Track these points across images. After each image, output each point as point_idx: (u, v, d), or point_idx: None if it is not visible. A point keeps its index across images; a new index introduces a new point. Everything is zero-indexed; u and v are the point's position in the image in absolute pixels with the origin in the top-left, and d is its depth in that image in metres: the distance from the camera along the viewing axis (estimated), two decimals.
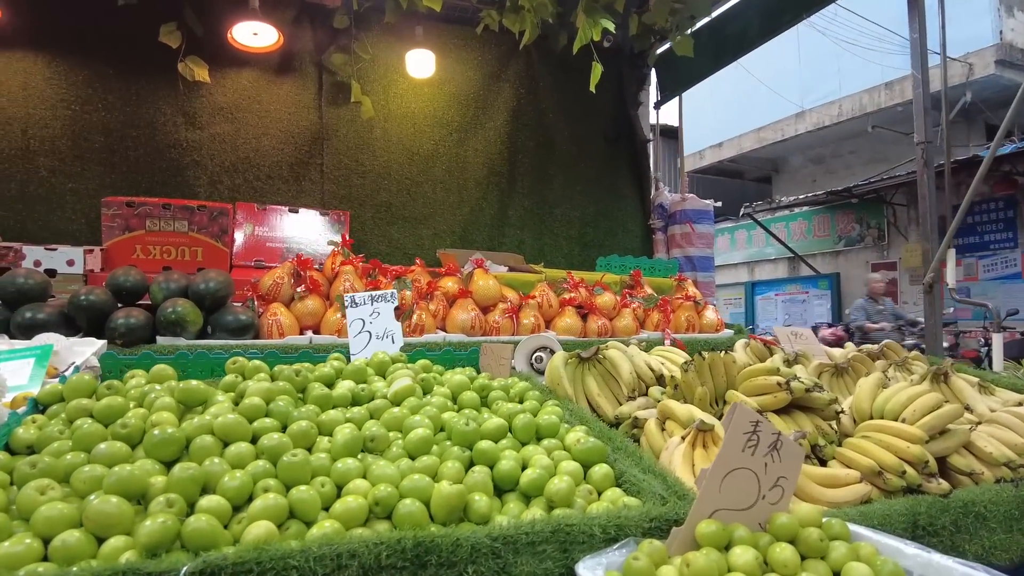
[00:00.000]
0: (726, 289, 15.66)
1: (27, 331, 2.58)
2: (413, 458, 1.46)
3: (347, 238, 3.78)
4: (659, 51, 5.45)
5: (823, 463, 1.80)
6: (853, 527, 1.31)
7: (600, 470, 1.48)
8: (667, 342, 3.74)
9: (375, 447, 1.46)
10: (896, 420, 1.83)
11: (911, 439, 1.70)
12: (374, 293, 2.38)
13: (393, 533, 1.08)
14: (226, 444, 1.38)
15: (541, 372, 2.46)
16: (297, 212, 4.10)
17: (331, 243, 4.00)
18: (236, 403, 1.57)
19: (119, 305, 2.88)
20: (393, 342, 2.33)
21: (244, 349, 2.65)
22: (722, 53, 4.96)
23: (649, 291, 4.23)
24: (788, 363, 2.64)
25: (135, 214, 3.56)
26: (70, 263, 3.39)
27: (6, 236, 3.61)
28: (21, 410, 1.58)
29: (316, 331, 3.11)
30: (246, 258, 3.94)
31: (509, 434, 1.63)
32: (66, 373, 1.96)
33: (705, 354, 2.15)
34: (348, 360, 2.12)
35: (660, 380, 2.37)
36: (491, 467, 1.45)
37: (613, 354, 2.20)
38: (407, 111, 4.73)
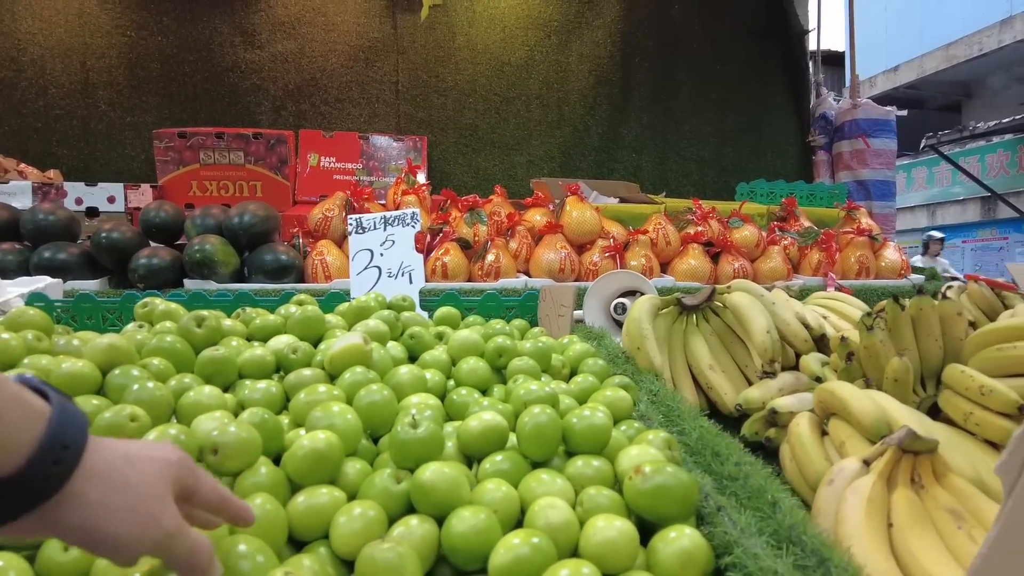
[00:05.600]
0: (901, 236, 13.64)
1: (47, 272, 2.26)
2: (298, 487, 0.74)
3: (412, 163, 3.12)
4: None
5: None
6: None
7: (679, 542, 0.66)
8: (830, 290, 2.77)
9: (221, 463, 0.73)
10: None
11: None
12: (387, 214, 1.67)
13: None
14: None
15: None
16: (367, 139, 3.51)
17: (393, 168, 3.38)
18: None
19: (150, 244, 2.51)
20: (411, 282, 1.61)
21: (276, 294, 2.11)
22: None
23: (807, 224, 3.22)
24: None
25: (188, 146, 3.16)
26: (111, 200, 3.04)
27: (71, 176, 3.37)
28: None
29: None
30: (311, 192, 3.43)
31: (512, 441, 0.86)
32: None
33: (906, 300, 1.22)
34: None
35: (821, 343, 1.46)
36: (444, 519, 0.69)
37: (739, 299, 1.31)
38: (495, 12, 3.91)
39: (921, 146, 11.90)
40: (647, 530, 0.73)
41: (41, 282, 1.79)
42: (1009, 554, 0.47)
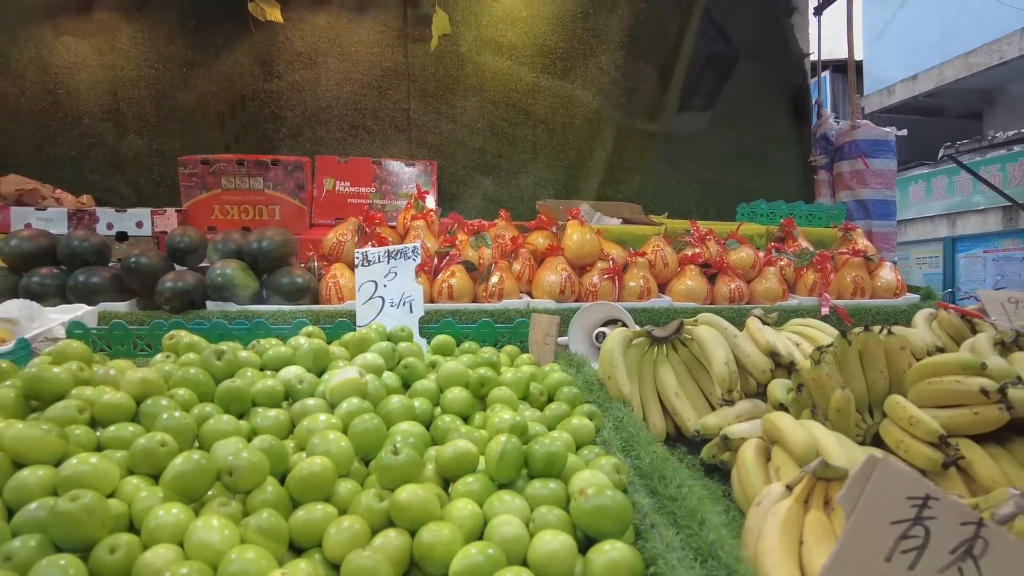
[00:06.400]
0: (920, 246, 13.44)
1: (81, 296, 2.45)
2: (298, 503, 0.88)
3: (421, 189, 3.28)
4: None
5: None
6: None
7: (609, 554, 0.79)
8: (824, 310, 2.85)
9: (235, 483, 0.88)
10: None
11: None
12: (391, 248, 1.82)
13: None
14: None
15: None
16: (381, 163, 3.67)
17: (403, 194, 3.54)
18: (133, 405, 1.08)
19: (175, 268, 2.71)
20: (411, 311, 1.76)
21: (290, 320, 2.30)
22: None
23: (805, 244, 3.29)
24: (1003, 348, 1.65)
25: (210, 172, 3.34)
26: (139, 225, 3.23)
27: (101, 203, 3.57)
28: None
29: None
30: (327, 215, 3.60)
31: (483, 464, 1.00)
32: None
33: (853, 334, 1.33)
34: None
35: (792, 370, 1.58)
36: (417, 533, 0.83)
37: (703, 333, 1.44)
38: (502, 41, 4.07)
39: (939, 156, 11.77)
40: (592, 544, 0.86)
41: (79, 310, 1.96)
42: (845, 567, 0.59)
